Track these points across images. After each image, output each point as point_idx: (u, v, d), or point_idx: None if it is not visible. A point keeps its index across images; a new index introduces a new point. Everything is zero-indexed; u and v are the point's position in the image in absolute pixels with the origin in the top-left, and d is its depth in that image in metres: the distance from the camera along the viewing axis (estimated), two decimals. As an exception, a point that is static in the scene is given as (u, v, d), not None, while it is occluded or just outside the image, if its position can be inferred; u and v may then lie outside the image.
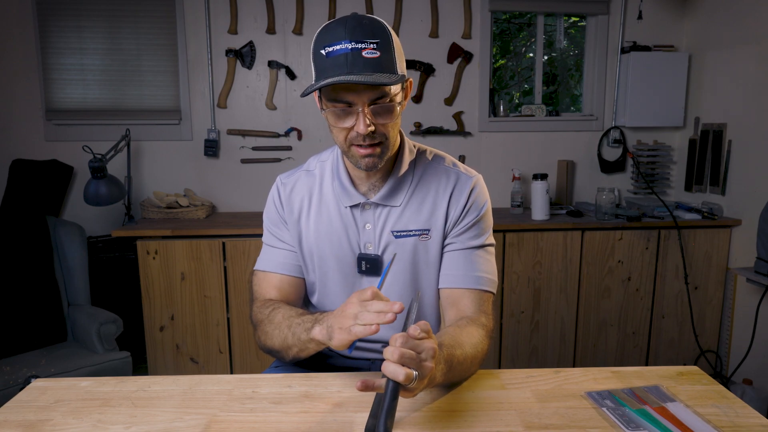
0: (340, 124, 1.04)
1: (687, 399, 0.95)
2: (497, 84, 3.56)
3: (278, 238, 1.23)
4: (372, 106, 1.02)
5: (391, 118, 1.04)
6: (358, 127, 1.01)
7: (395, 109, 1.05)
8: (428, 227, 1.16)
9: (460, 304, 1.13)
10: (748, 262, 2.61)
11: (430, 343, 0.82)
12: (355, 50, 0.98)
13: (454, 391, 0.98)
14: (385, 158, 1.09)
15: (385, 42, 1.00)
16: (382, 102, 1.02)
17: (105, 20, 2.88)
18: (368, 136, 1.03)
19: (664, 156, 3.17)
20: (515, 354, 2.76)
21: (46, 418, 0.90)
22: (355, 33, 0.98)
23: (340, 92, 1.01)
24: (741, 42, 2.70)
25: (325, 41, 1.01)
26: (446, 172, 1.19)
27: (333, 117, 1.04)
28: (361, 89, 1.00)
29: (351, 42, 0.98)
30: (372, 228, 1.17)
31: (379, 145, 1.06)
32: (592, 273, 2.73)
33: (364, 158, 1.06)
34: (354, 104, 1.01)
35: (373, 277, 1.18)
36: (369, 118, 1.01)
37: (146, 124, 2.95)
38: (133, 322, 2.60)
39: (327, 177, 1.20)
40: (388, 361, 0.78)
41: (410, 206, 1.16)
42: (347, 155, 1.09)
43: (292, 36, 2.96)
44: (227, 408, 0.93)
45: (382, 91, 1.01)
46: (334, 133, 1.07)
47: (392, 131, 1.08)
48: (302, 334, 1.01)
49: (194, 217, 2.78)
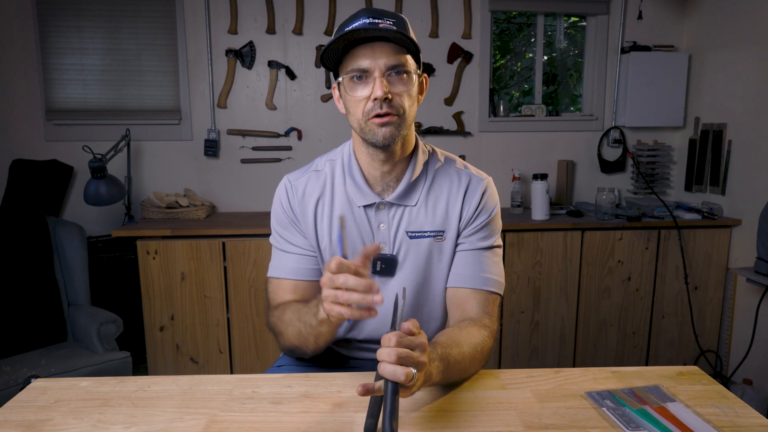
0: (357, 92, 1.05)
1: (687, 399, 0.95)
2: (497, 84, 3.56)
3: (288, 241, 1.19)
4: (389, 77, 1.03)
5: (407, 87, 1.05)
6: (375, 92, 1.02)
7: (413, 79, 1.06)
8: (443, 228, 1.16)
9: (465, 305, 1.13)
10: (748, 262, 2.61)
11: (421, 339, 0.82)
12: (373, 23, 1.01)
13: (454, 391, 0.98)
14: (402, 134, 1.07)
15: (402, 23, 1.04)
16: (399, 70, 1.04)
17: (105, 20, 2.88)
18: (385, 104, 1.03)
19: (664, 156, 3.17)
20: (515, 354, 2.76)
21: (46, 418, 0.90)
22: (373, 13, 1.03)
23: (357, 58, 1.03)
24: (741, 42, 2.70)
25: (344, 25, 1.04)
26: (458, 173, 1.19)
27: (350, 86, 1.05)
28: (378, 55, 1.02)
29: (369, 18, 1.02)
30: (386, 228, 1.15)
31: (396, 116, 1.05)
32: (592, 273, 2.73)
33: (382, 128, 1.04)
34: (371, 71, 1.02)
35: (387, 277, 1.16)
36: (386, 84, 1.02)
37: (146, 124, 2.94)
38: (133, 322, 2.60)
39: (338, 176, 1.18)
40: (384, 362, 0.77)
41: (425, 207, 1.16)
42: (364, 133, 1.08)
43: (292, 36, 2.96)
44: (227, 408, 0.93)
45: (398, 60, 1.03)
46: (351, 107, 1.07)
47: (409, 105, 1.07)
48: (312, 319, 1.00)
49: (194, 217, 2.78)
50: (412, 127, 1.14)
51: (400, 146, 1.12)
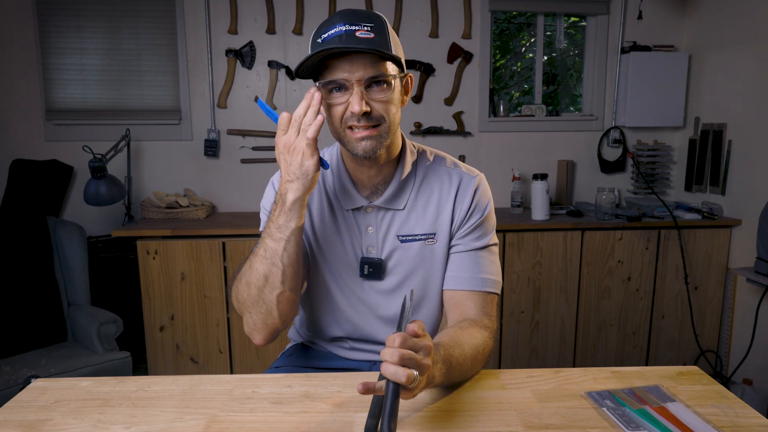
0: (335, 99, 1.00)
1: (687, 399, 0.95)
2: (497, 84, 3.56)
3: None
4: (368, 88, 0.99)
5: (387, 95, 1.00)
6: (353, 107, 0.98)
7: (393, 86, 1.01)
8: (434, 231, 1.15)
9: (464, 306, 1.12)
10: (748, 262, 2.61)
11: (426, 341, 0.81)
12: (349, 31, 0.96)
13: (454, 391, 0.98)
14: (385, 144, 1.03)
15: (379, 26, 0.99)
16: (379, 80, 0.99)
17: (105, 20, 2.88)
18: (363, 118, 0.99)
19: (664, 156, 3.17)
20: (515, 354, 2.76)
21: (46, 418, 0.90)
22: (350, 18, 0.98)
23: (334, 71, 0.98)
24: (741, 42, 2.70)
25: (321, 31, 1.00)
26: (448, 173, 1.16)
27: (327, 94, 1.01)
28: (356, 67, 0.97)
29: (345, 25, 0.97)
30: (374, 231, 1.15)
31: (376, 128, 1.01)
32: (592, 273, 2.73)
33: (361, 142, 1.01)
34: (349, 83, 0.98)
35: (375, 281, 1.16)
36: (364, 96, 0.98)
37: (146, 124, 2.94)
38: (133, 322, 2.60)
39: (328, 176, 1.17)
40: (387, 362, 0.77)
41: (414, 209, 1.14)
42: (343, 143, 1.04)
43: (292, 36, 2.96)
44: (227, 408, 0.93)
45: (377, 71, 0.98)
46: (329, 114, 1.03)
47: (392, 112, 1.02)
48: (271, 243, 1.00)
49: (194, 217, 2.78)
50: (398, 131, 1.11)
51: (386, 150, 1.08)
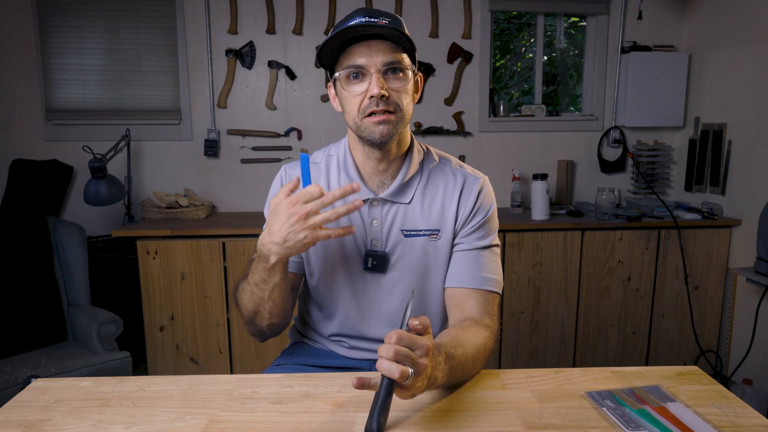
0: (353, 88, 1.06)
1: (687, 399, 0.95)
2: (497, 84, 3.56)
3: None
4: (385, 74, 1.05)
5: (403, 84, 1.06)
6: (372, 89, 1.03)
7: (408, 77, 1.07)
8: (438, 227, 1.16)
9: (465, 305, 1.13)
10: (748, 262, 2.61)
11: (425, 341, 0.81)
12: (369, 21, 1.02)
13: (454, 391, 0.98)
14: (399, 131, 1.08)
15: (397, 22, 1.05)
16: (396, 67, 1.05)
17: (105, 20, 2.88)
18: (382, 101, 1.04)
19: (664, 156, 3.17)
20: (515, 354, 2.76)
21: (46, 418, 0.90)
22: (369, 12, 1.04)
23: (354, 56, 1.04)
24: (741, 42, 2.70)
25: (341, 24, 1.05)
26: (453, 173, 1.19)
27: (346, 82, 1.06)
28: (374, 52, 1.03)
29: (365, 17, 1.03)
30: (379, 225, 1.16)
31: (393, 113, 1.06)
32: (592, 273, 2.73)
33: (379, 125, 1.05)
34: (367, 68, 1.03)
35: (378, 273, 1.17)
36: (382, 82, 1.03)
37: (146, 124, 2.94)
38: (133, 322, 2.60)
39: (333, 171, 1.19)
40: (382, 358, 0.77)
41: (419, 205, 1.16)
42: (360, 131, 1.08)
43: (292, 36, 2.96)
44: (227, 408, 0.93)
45: (395, 57, 1.04)
46: (347, 104, 1.08)
47: (406, 102, 1.08)
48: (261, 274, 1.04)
49: (194, 217, 2.78)
50: (408, 125, 1.15)
51: (396, 144, 1.13)
